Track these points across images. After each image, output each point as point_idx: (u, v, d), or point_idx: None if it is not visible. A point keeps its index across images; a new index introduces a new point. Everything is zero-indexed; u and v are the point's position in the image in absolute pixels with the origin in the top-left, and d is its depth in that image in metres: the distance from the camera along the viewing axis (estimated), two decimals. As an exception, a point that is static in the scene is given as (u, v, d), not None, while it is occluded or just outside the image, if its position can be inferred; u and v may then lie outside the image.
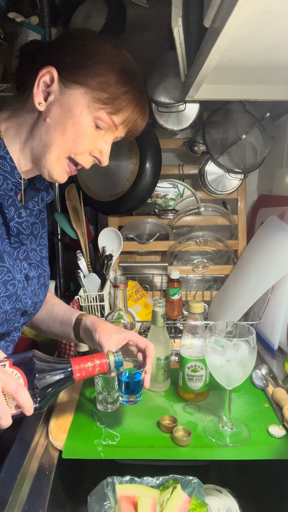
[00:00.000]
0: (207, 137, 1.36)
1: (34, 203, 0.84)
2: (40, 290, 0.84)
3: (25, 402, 0.59)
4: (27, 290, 0.79)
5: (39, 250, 0.86)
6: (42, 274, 0.85)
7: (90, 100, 0.70)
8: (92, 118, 0.72)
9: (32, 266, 0.83)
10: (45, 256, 0.88)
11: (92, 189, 1.39)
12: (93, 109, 0.71)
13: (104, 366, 0.68)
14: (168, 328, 1.00)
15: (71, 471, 0.83)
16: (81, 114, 0.70)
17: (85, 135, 0.72)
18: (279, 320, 1.10)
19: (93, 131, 0.73)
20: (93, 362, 0.67)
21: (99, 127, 0.73)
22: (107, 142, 0.76)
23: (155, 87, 1.27)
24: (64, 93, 0.70)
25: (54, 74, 0.69)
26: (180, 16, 0.72)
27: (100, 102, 0.71)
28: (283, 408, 0.83)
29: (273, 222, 1.29)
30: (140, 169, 1.32)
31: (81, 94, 0.70)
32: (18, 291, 0.75)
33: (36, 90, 0.70)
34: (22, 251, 0.80)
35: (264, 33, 0.62)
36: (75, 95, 0.70)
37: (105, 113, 0.71)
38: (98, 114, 0.71)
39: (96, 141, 0.74)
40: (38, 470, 0.73)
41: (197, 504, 0.66)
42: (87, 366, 0.67)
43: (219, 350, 0.75)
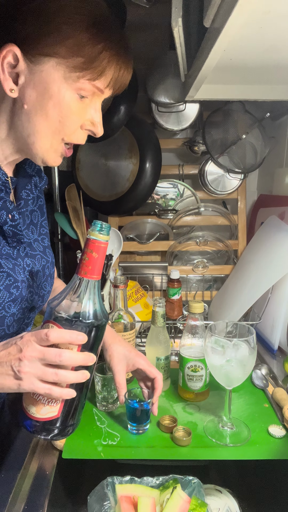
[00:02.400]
0: (207, 137, 1.36)
1: (28, 191, 0.78)
2: (46, 282, 0.81)
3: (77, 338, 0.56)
4: (33, 287, 0.76)
5: (41, 240, 0.82)
6: (46, 265, 0.81)
7: (66, 71, 0.61)
8: (73, 91, 0.63)
9: (36, 258, 0.78)
10: (47, 246, 0.84)
11: (92, 189, 1.39)
12: (72, 81, 0.62)
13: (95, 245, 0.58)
14: (168, 328, 1.00)
15: (71, 471, 0.83)
16: (60, 91, 0.62)
17: (71, 112, 0.64)
18: (279, 320, 1.10)
19: (78, 104, 0.64)
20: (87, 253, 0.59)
21: (84, 97, 0.65)
22: (97, 109, 0.68)
23: (155, 87, 1.27)
24: (34, 71, 0.61)
25: (16, 52, 0.59)
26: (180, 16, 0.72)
27: (77, 69, 0.61)
28: (283, 408, 0.83)
29: (273, 222, 1.29)
30: (140, 169, 1.32)
31: (53, 67, 0.61)
32: (23, 292, 0.73)
33: (3, 76, 0.60)
34: (23, 248, 0.75)
35: (264, 33, 0.62)
36: (47, 70, 0.61)
37: (86, 81, 0.62)
38: (79, 84, 0.62)
39: (84, 113, 0.66)
40: (38, 470, 0.73)
41: (197, 504, 0.66)
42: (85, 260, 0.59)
43: (219, 350, 0.75)
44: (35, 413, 0.58)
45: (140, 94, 1.25)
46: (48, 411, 0.58)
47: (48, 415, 0.58)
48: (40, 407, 0.58)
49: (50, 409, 0.58)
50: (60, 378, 0.55)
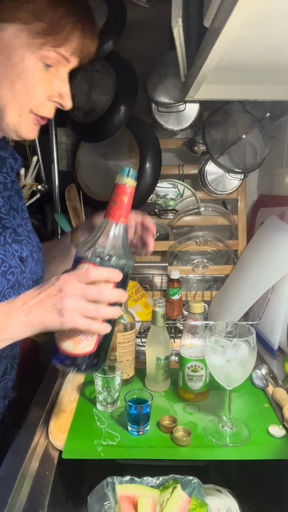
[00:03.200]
0: (207, 137, 1.36)
1: (5, 175, 0.76)
2: (36, 266, 0.80)
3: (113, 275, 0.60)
4: (26, 273, 0.75)
5: (24, 224, 0.80)
6: (32, 249, 0.80)
7: (28, 37, 0.58)
8: (37, 59, 0.60)
9: (23, 243, 0.77)
10: (31, 230, 0.82)
11: (92, 189, 1.39)
12: (35, 48, 0.59)
13: (124, 190, 0.64)
14: (168, 328, 1.00)
15: (71, 471, 0.83)
16: (23, 60, 0.59)
17: (37, 82, 0.62)
18: (279, 320, 1.10)
19: (43, 74, 0.62)
20: (117, 198, 0.65)
21: (50, 66, 0.62)
22: (63, 79, 0.65)
23: (155, 87, 1.27)
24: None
25: None
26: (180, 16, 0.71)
27: (39, 36, 0.58)
28: (283, 408, 0.83)
29: (273, 222, 1.29)
30: (140, 169, 1.32)
31: (15, 34, 0.58)
32: (18, 277, 0.72)
33: None
34: (9, 234, 0.74)
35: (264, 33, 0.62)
36: (9, 37, 0.58)
37: (50, 49, 0.60)
38: (42, 52, 0.60)
39: (50, 84, 0.64)
40: (38, 470, 0.73)
41: (197, 504, 0.66)
42: (115, 204, 0.65)
43: (219, 350, 0.75)
44: (72, 348, 0.62)
45: (140, 94, 1.25)
46: (85, 345, 0.62)
47: (85, 350, 0.62)
48: (78, 343, 0.62)
49: (87, 344, 0.62)
50: (100, 313, 0.59)
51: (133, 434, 0.79)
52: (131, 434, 0.79)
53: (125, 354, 0.95)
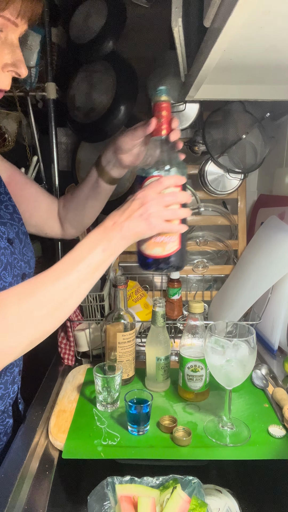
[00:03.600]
0: (207, 137, 1.36)
1: None
2: (25, 247, 0.82)
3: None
4: (15, 254, 0.77)
5: (4, 207, 0.81)
6: (18, 232, 0.82)
7: None
8: None
9: (7, 226, 0.78)
10: (12, 212, 0.83)
11: (92, 189, 1.39)
12: None
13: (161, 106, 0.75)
14: (168, 328, 1.00)
15: (71, 471, 0.83)
16: None
17: None
18: (279, 320, 1.10)
19: None
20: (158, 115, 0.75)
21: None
22: (15, 45, 0.63)
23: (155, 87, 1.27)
24: None
25: None
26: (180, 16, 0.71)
27: None
28: (283, 408, 0.83)
29: (273, 222, 1.29)
30: (140, 169, 1.32)
31: None
32: (9, 258, 0.74)
33: None
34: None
35: (264, 33, 0.62)
36: None
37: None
38: None
39: (1, 52, 0.61)
40: (38, 470, 0.73)
41: (197, 504, 0.66)
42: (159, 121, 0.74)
43: (219, 350, 0.75)
44: (162, 251, 0.72)
45: (140, 94, 1.25)
46: (172, 246, 0.73)
47: (173, 249, 0.73)
48: (165, 246, 0.72)
49: (173, 244, 0.73)
50: (178, 215, 0.69)
51: (133, 434, 0.79)
52: (131, 434, 0.79)
53: (125, 354, 0.95)
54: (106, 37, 1.19)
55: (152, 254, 0.73)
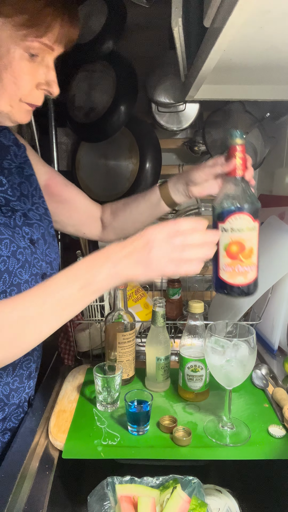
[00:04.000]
0: (207, 137, 1.36)
1: (9, 161, 0.80)
2: (49, 249, 0.84)
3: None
4: (37, 254, 0.79)
5: (35, 208, 0.84)
6: (44, 233, 0.84)
7: (12, 30, 0.61)
8: (22, 50, 0.63)
9: (34, 227, 0.80)
10: (42, 214, 0.85)
11: (92, 189, 1.39)
12: (19, 40, 0.62)
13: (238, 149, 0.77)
14: (168, 328, 1.00)
15: (71, 471, 0.83)
16: (8, 52, 0.63)
17: (23, 72, 0.65)
18: (279, 320, 1.10)
19: (29, 64, 0.65)
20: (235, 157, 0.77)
21: (34, 55, 0.65)
22: (50, 67, 0.68)
23: (155, 87, 1.27)
24: None
25: None
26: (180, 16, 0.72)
27: (23, 28, 0.61)
28: (283, 408, 0.83)
29: (273, 222, 1.29)
30: (140, 169, 1.32)
31: (0, 27, 0.61)
32: (28, 257, 0.76)
33: None
34: (18, 217, 0.77)
35: (265, 33, 0.62)
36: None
37: (33, 39, 0.63)
38: (27, 43, 0.63)
39: (37, 72, 0.67)
40: (38, 470, 0.73)
41: (197, 504, 0.66)
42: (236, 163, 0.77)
43: (219, 350, 0.75)
44: (244, 280, 0.75)
45: (140, 94, 1.25)
46: (252, 274, 0.76)
47: (253, 277, 0.76)
48: (247, 275, 0.75)
49: (253, 273, 0.75)
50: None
51: (133, 434, 0.79)
52: (131, 434, 0.79)
53: (125, 354, 0.95)
54: (106, 37, 1.19)
55: (235, 283, 0.76)
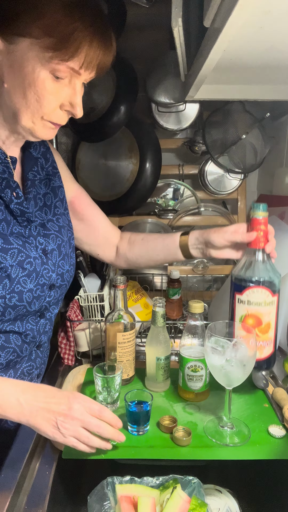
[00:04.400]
0: (207, 137, 1.36)
1: (35, 173, 0.82)
2: (63, 260, 0.84)
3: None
4: (48, 264, 0.80)
5: (55, 220, 0.85)
6: (62, 244, 0.85)
7: (39, 51, 0.62)
8: (47, 71, 0.64)
9: (50, 238, 0.82)
10: (63, 225, 0.87)
11: (92, 189, 1.39)
12: (45, 61, 0.63)
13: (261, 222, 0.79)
14: (168, 328, 1.00)
15: (71, 471, 0.83)
16: (34, 71, 0.63)
17: (47, 92, 0.65)
18: (279, 320, 1.09)
19: (53, 84, 0.65)
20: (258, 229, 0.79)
21: (60, 78, 0.66)
22: (76, 90, 0.69)
23: (155, 87, 1.27)
24: (11, 51, 0.63)
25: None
26: (180, 16, 0.72)
27: (49, 50, 0.62)
28: (283, 408, 0.83)
29: (273, 222, 1.29)
30: (140, 169, 1.32)
31: (27, 47, 0.62)
32: (37, 267, 0.77)
33: None
34: (34, 227, 0.79)
35: (264, 33, 0.62)
36: (22, 50, 0.62)
37: (59, 62, 0.63)
38: (52, 65, 0.63)
39: (61, 93, 0.68)
40: (38, 470, 0.73)
41: (197, 504, 0.66)
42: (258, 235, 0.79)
43: (219, 350, 0.75)
44: (260, 355, 0.79)
45: (140, 94, 1.25)
46: (268, 349, 0.81)
47: (269, 352, 0.81)
48: (263, 350, 0.80)
49: (269, 347, 0.81)
50: (90, 442, 0.69)
51: (133, 434, 0.79)
52: (131, 434, 0.79)
53: (125, 354, 0.95)
54: (106, 37, 1.18)
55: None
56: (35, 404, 0.67)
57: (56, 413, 0.67)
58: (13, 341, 0.78)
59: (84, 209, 0.98)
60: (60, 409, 0.67)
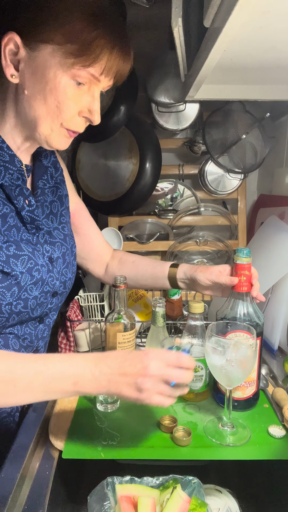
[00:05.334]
0: (207, 137, 1.36)
1: (44, 181, 0.84)
2: (66, 268, 0.85)
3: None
4: (53, 272, 0.80)
5: (61, 228, 0.86)
6: (66, 252, 0.86)
7: (61, 57, 0.64)
8: (69, 77, 0.66)
9: (56, 246, 0.83)
10: (68, 234, 0.88)
11: (92, 189, 1.39)
12: (67, 67, 0.65)
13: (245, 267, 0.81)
14: (168, 328, 1.00)
15: (71, 471, 0.83)
16: (56, 77, 0.65)
17: (67, 98, 0.67)
18: (279, 320, 1.10)
19: (74, 90, 0.67)
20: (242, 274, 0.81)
21: (81, 83, 0.67)
22: (95, 97, 0.70)
23: (155, 87, 1.27)
24: (33, 57, 0.64)
25: (16, 39, 0.63)
26: (180, 16, 0.72)
27: (71, 56, 0.64)
28: (283, 408, 0.83)
29: (273, 222, 1.29)
30: (140, 169, 1.32)
31: (50, 54, 0.64)
32: (44, 275, 0.77)
33: (5, 62, 0.65)
34: (42, 235, 0.80)
35: (264, 33, 0.62)
36: (44, 56, 0.64)
37: (80, 68, 0.65)
38: (74, 71, 0.65)
39: (81, 100, 0.69)
40: (38, 470, 0.73)
41: (197, 504, 0.66)
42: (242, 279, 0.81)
43: (219, 350, 0.75)
44: (242, 395, 0.84)
45: (140, 94, 1.25)
46: (251, 389, 0.84)
47: (251, 392, 0.85)
48: (245, 390, 0.84)
49: (252, 388, 0.84)
50: (174, 394, 0.67)
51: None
52: (131, 434, 0.79)
53: (125, 354, 0.95)
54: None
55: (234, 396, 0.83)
56: (110, 372, 0.64)
57: (134, 375, 0.64)
58: (12, 345, 0.78)
59: (82, 223, 0.99)
60: (137, 371, 0.64)
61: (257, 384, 0.86)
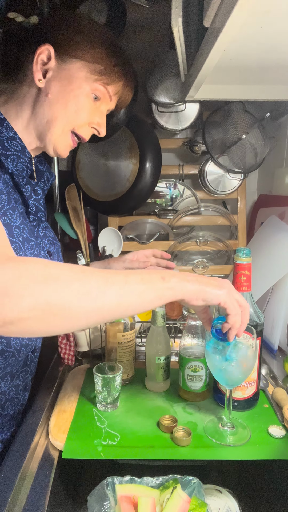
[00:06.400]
0: (207, 137, 1.36)
1: (42, 184, 0.88)
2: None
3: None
4: None
5: (50, 229, 0.90)
6: (58, 250, 0.89)
7: (88, 72, 0.75)
8: (90, 89, 0.77)
9: (50, 243, 0.86)
10: (55, 237, 0.92)
11: (92, 189, 1.39)
12: (91, 81, 0.76)
13: (245, 267, 0.82)
14: (168, 328, 1.00)
15: (71, 471, 0.83)
16: (80, 87, 0.75)
17: (85, 107, 0.77)
18: (279, 320, 1.10)
19: (92, 103, 0.78)
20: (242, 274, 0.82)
21: (97, 98, 0.79)
22: (103, 112, 0.82)
23: (155, 87, 1.27)
24: (62, 68, 0.75)
25: (51, 51, 0.73)
26: (180, 16, 0.71)
27: (96, 73, 0.76)
28: (283, 408, 0.83)
29: (273, 222, 1.29)
30: (140, 169, 1.32)
31: (79, 68, 0.75)
32: None
33: (36, 68, 0.73)
34: (41, 229, 0.84)
35: (264, 33, 0.62)
36: (73, 69, 0.75)
37: (101, 84, 0.77)
38: (95, 85, 0.77)
39: (94, 113, 0.80)
40: (38, 470, 0.73)
41: (197, 504, 0.66)
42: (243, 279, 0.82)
43: (219, 350, 0.75)
44: (242, 395, 0.85)
45: (140, 94, 1.25)
46: (251, 389, 0.85)
47: (251, 392, 0.86)
48: (245, 390, 0.85)
49: (252, 388, 0.85)
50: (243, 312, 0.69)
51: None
52: (132, 431, 0.79)
53: (125, 354, 0.95)
54: (106, 37, 1.18)
55: (234, 396, 0.84)
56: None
57: (214, 281, 0.66)
58: (13, 345, 0.78)
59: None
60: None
61: (257, 384, 0.86)
